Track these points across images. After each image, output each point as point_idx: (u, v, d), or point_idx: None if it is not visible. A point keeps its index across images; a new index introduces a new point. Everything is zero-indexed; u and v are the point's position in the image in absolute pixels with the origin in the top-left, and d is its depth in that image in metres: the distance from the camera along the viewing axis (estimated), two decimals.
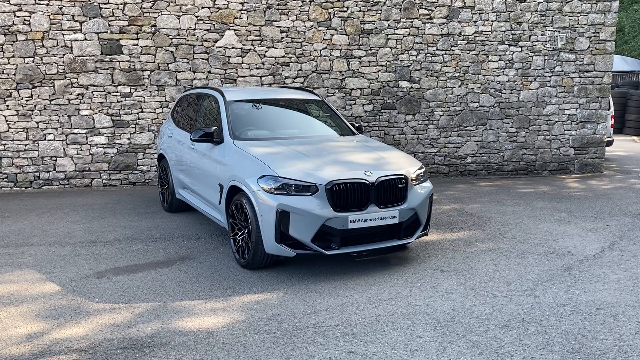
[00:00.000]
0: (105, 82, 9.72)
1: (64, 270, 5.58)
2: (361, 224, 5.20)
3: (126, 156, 9.99)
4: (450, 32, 10.79)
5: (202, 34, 9.93)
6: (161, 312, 4.53)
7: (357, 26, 10.43)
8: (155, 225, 7.31)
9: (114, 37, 9.65)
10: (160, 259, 5.94)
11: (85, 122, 9.76)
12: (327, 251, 5.16)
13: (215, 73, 10.06)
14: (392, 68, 10.68)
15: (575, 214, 7.86)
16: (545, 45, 11.16)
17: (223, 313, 4.50)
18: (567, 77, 11.36)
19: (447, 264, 5.72)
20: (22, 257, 6.03)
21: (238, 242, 5.67)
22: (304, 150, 5.83)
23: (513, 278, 5.29)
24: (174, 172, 7.62)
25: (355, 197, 5.21)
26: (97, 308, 4.62)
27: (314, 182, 5.15)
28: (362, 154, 5.92)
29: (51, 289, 5.06)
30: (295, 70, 10.33)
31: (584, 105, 11.52)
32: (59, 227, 7.23)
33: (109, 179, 9.98)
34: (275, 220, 5.08)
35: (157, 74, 9.87)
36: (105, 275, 5.44)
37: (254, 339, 4.02)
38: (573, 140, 11.59)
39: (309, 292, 4.95)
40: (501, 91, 11.16)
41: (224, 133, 6.27)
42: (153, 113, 9.96)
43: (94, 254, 6.13)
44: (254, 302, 4.74)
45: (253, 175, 5.36)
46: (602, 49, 11.39)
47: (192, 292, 4.98)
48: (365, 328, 4.19)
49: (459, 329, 4.17)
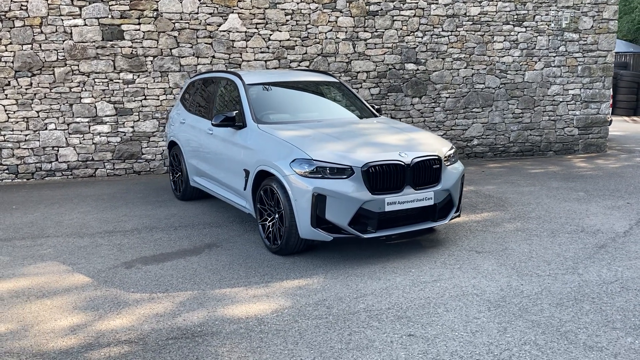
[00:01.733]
0: (107, 69, 9.45)
1: (89, 261, 5.40)
2: (397, 207, 5.10)
3: (130, 145, 9.76)
4: (455, 13, 10.68)
5: (205, 17, 9.69)
6: (203, 300, 4.40)
7: (363, 7, 10.27)
8: (172, 214, 7.14)
9: (115, 23, 9.37)
10: (186, 247, 5.79)
11: (88, 111, 9.49)
12: (364, 234, 5.05)
13: (219, 58, 9.84)
14: (398, 50, 10.55)
15: (593, 193, 7.85)
16: (549, 25, 11.11)
17: (267, 300, 4.38)
18: (571, 57, 11.33)
19: (481, 244, 5.65)
20: (42, 248, 5.83)
21: (268, 228, 5.54)
22: (332, 133, 5.70)
23: (551, 257, 5.24)
24: (188, 159, 7.43)
25: (391, 179, 5.10)
26: (135, 298, 4.47)
27: (349, 165, 5.02)
28: (392, 135, 5.80)
29: (82, 280, 4.89)
30: (301, 53, 10.15)
31: (588, 85, 11.52)
32: (72, 218, 7.02)
33: (113, 169, 9.74)
34: (311, 204, 4.96)
35: (160, 59, 9.62)
36: (134, 265, 5.28)
37: (307, 325, 3.91)
38: (577, 120, 11.60)
39: (348, 276, 4.85)
40: (506, 72, 11.10)
41: (247, 117, 6.10)
42: (157, 100, 9.73)
43: (115, 244, 5.96)
44: (295, 287, 4.62)
45: (284, 159, 5.22)
46: (606, 28, 11.37)
47: (229, 279, 4.84)
48: (418, 311, 4.11)
49: (513, 308, 4.10)
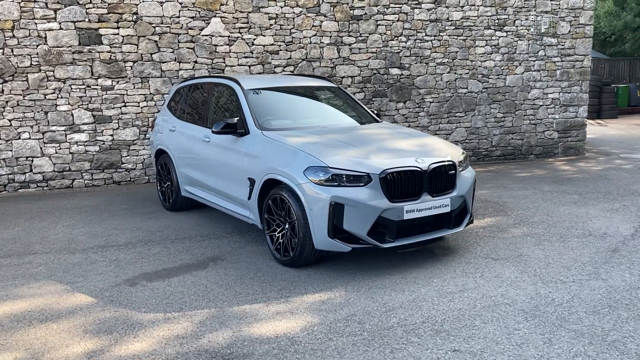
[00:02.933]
0: (84, 75, 9.02)
1: (87, 279, 5.05)
2: (416, 214, 4.94)
3: (109, 154, 9.33)
4: (438, 18, 10.65)
5: (187, 21, 9.37)
6: (223, 318, 4.13)
7: (347, 12, 10.13)
8: (165, 226, 6.81)
9: (92, 26, 8.95)
10: (189, 262, 5.49)
11: (64, 119, 9.03)
12: (383, 244, 4.87)
13: (202, 63, 9.53)
14: (383, 55, 10.45)
15: (587, 196, 7.89)
16: (529, 30, 11.21)
17: (292, 316, 4.15)
18: (550, 62, 11.47)
19: (494, 251, 5.55)
20: (32, 266, 5.44)
21: (277, 239, 5.31)
22: (341, 139, 5.50)
23: (568, 262, 5.17)
24: (180, 168, 7.11)
25: (409, 186, 4.94)
26: (149, 319, 4.17)
27: (366, 172, 4.84)
28: (402, 141, 5.65)
29: (85, 301, 4.55)
30: (285, 58, 9.93)
31: (566, 89, 11.67)
32: (57, 233, 6.62)
33: (92, 179, 9.30)
34: (328, 213, 4.75)
35: (140, 65, 9.24)
36: (138, 282, 4.96)
37: (343, 343, 3.70)
38: (557, 123, 11.74)
39: (370, 288, 4.65)
40: (488, 76, 11.14)
41: (249, 124, 5.85)
42: (137, 107, 9.34)
43: (111, 259, 5.61)
44: (318, 302, 4.40)
45: (297, 167, 4.99)
46: (582, 32, 11.56)
47: (245, 295, 4.58)
48: (454, 324, 3.94)
49: (551, 318, 3.99)
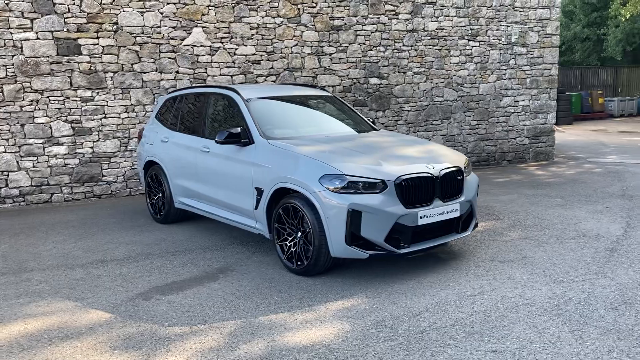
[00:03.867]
0: (63, 86, 8.78)
1: (97, 295, 4.91)
2: (429, 220, 5.02)
3: (90, 167, 9.09)
4: (414, 28, 10.87)
5: (168, 31, 9.26)
6: (253, 329, 4.09)
7: (327, 22, 10.22)
8: (161, 239, 6.68)
9: (71, 36, 8.73)
10: (197, 274, 5.40)
11: (42, 131, 8.75)
12: (399, 250, 4.93)
13: (183, 73, 9.42)
14: (362, 64, 10.58)
15: (569, 199, 8.17)
16: (500, 40, 11.57)
17: (321, 324, 4.14)
18: (520, 70, 11.86)
19: (499, 254, 5.68)
20: (32, 284, 5.25)
21: (288, 248, 5.29)
22: (349, 147, 5.55)
23: (572, 263, 5.35)
24: (174, 179, 7.00)
25: (422, 192, 5.02)
26: (176, 332, 4.09)
27: (382, 179, 4.89)
28: (408, 148, 5.74)
29: (102, 317, 4.42)
30: (267, 68, 9.93)
31: (536, 97, 12.09)
32: (49, 249, 6.40)
33: (71, 193, 9.03)
34: (346, 221, 4.78)
35: (120, 75, 9.06)
36: (152, 295, 4.85)
37: (381, 348, 3.72)
38: (527, 130, 12.13)
39: (390, 294, 4.69)
40: (463, 85, 11.43)
41: (253, 133, 5.82)
42: (118, 118, 9.15)
43: (115, 274, 5.47)
44: (342, 309, 4.41)
45: (311, 175, 5.00)
46: (549, 42, 12.01)
47: (266, 305, 4.55)
48: (484, 325, 4.02)
49: (574, 316, 4.12)
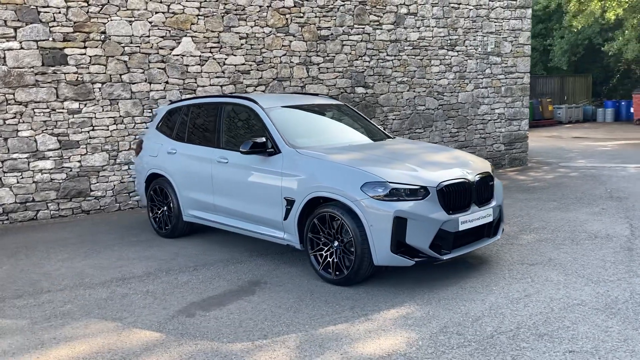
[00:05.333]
0: (48, 98, 8.39)
1: (133, 314, 4.70)
2: (468, 225, 5.09)
3: (77, 181, 8.71)
4: (397, 38, 11.04)
5: (157, 41, 9.03)
6: (319, 341, 4.01)
7: (314, 32, 10.23)
8: (174, 253, 6.47)
9: (57, 46, 8.38)
10: (230, 288, 5.26)
11: (27, 145, 8.33)
12: (442, 256, 4.97)
13: (173, 83, 9.20)
14: (349, 74, 10.64)
15: (563, 202, 8.46)
16: (477, 50, 11.90)
17: (386, 333, 4.11)
18: (495, 79, 12.23)
19: (524, 257, 5.80)
20: (58, 305, 4.97)
21: (324, 258, 5.23)
22: (379, 155, 5.57)
23: (599, 263, 5.52)
24: (183, 191, 6.81)
25: (461, 198, 5.08)
26: (240, 349, 3.96)
27: (424, 185, 4.92)
28: (435, 155, 5.80)
29: (152, 336, 4.23)
30: (257, 78, 9.83)
31: (510, 104, 12.49)
32: (57, 268, 6.08)
33: (58, 209, 8.62)
34: (392, 228, 4.78)
35: (109, 86, 8.76)
36: (194, 312, 4.69)
37: (459, 354, 3.73)
38: (503, 137, 12.50)
39: (439, 300, 4.71)
40: (443, 94, 11.67)
41: (278, 143, 5.74)
42: (106, 131, 8.82)
43: (142, 292, 5.25)
44: (400, 317, 4.39)
45: (352, 184, 4.97)
46: (522, 51, 12.45)
47: (319, 317, 4.47)
48: (548, 327, 4.10)
49: (629, 314, 4.25)
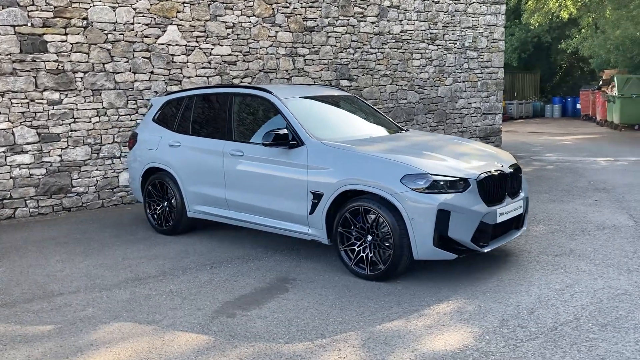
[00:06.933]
0: (27, 87, 7.83)
1: (166, 316, 4.41)
2: (504, 217, 5.07)
3: (58, 177, 8.18)
4: (381, 31, 10.98)
5: (142, 29, 8.59)
6: (383, 339, 3.86)
7: (300, 23, 10.01)
8: (183, 251, 6.15)
9: (36, 32, 7.82)
10: (260, 286, 5.03)
11: (3, 138, 7.74)
12: (482, 249, 4.92)
13: (158, 74, 8.78)
14: (334, 67, 10.49)
15: (554, 194, 8.62)
16: (455, 44, 12.01)
17: (447, 329, 4.01)
18: (472, 73, 12.38)
19: (544, 248, 5.83)
20: (78, 309, 4.61)
21: (357, 253, 5.09)
22: (407, 147, 5.47)
23: (620, 252, 5.62)
24: (189, 186, 6.48)
25: (498, 190, 5.05)
26: (302, 349, 3.77)
27: (465, 177, 4.85)
28: (460, 147, 5.73)
29: (199, 339, 3.97)
30: (243, 69, 9.53)
31: (486, 99, 12.68)
32: (60, 269, 5.67)
33: (38, 207, 8.06)
34: (435, 221, 4.68)
35: (91, 75, 8.26)
36: (234, 312, 4.44)
37: (532, 346, 3.67)
38: (479, 130, 12.69)
39: (484, 293, 4.65)
40: (424, 87, 11.71)
41: (301, 135, 5.52)
42: (89, 123, 8.32)
43: (166, 292, 4.95)
44: (453, 312, 4.31)
45: (391, 176, 4.84)
46: (496, 47, 12.66)
47: (369, 314, 4.32)
48: (607, 317, 4.10)
49: None
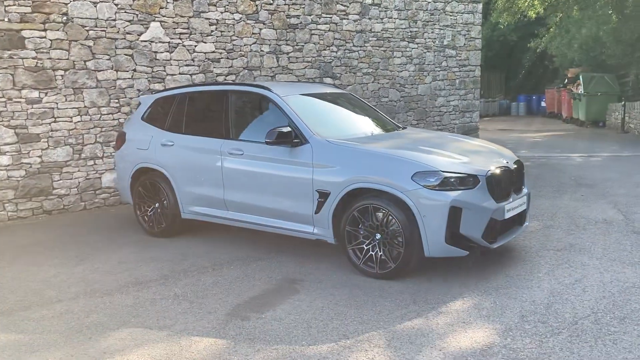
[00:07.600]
0: (4, 86, 7.49)
1: (177, 321, 4.27)
2: (511, 213, 5.08)
3: (38, 179, 7.86)
4: (363, 29, 10.95)
5: (124, 25, 8.33)
6: (407, 338, 3.82)
7: (284, 20, 9.90)
8: (180, 254, 5.97)
9: (13, 27, 7.49)
10: (268, 287, 4.92)
11: None
12: (492, 245, 4.92)
13: (141, 71, 8.53)
14: (317, 64, 10.41)
15: (540, 190, 8.71)
16: (435, 42, 12.07)
17: (469, 326, 3.99)
18: (450, 71, 12.47)
19: (544, 244, 5.88)
20: (80, 316, 4.41)
21: (366, 251, 5.03)
22: (411, 143, 5.46)
23: (618, 246, 5.70)
24: (184, 187, 6.30)
25: (504, 186, 5.06)
26: (327, 350, 3.69)
27: (474, 174, 4.84)
28: (462, 144, 5.74)
29: (218, 344, 3.85)
30: (227, 67, 9.36)
31: (464, 97, 12.80)
32: (54, 275, 5.43)
33: (17, 210, 7.73)
34: (448, 219, 4.66)
35: (72, 73, 7.96)
36: (247, 315, 4.33)
37: (559, 341, 3.68)
38: (457, 128, 12.80)
39: (496, 289, 4.65)
40: (404, 86, 11.74)
41: (304, 132, 5.43)
42: (70, 122, 8.02)
43: (170, 296, 4.80)
44: (471, 308, 4.30)
45: (401, 174, 4.79)
46: (473, 45, 12.79)
47: (386, 313, 4.27)
48: (622, 310, 4.15)
49: None
